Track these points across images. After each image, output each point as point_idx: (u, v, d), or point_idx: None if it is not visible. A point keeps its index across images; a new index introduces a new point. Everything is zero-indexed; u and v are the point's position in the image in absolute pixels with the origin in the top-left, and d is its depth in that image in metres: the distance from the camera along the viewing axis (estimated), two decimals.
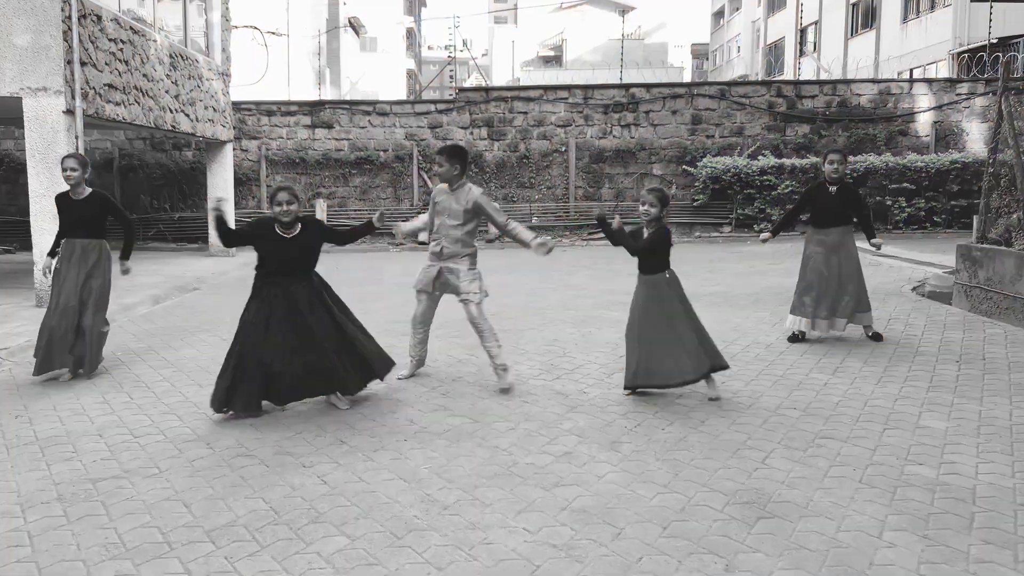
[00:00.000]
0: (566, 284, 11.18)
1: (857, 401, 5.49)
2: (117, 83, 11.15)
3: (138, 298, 10.78)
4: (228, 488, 4.16)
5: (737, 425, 5.01)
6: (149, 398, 5.92)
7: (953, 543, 3.41)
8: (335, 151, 18.52)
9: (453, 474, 4.28)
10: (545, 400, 5.65)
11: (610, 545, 3.45)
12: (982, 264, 9.09)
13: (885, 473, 4.19)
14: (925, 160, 16.43)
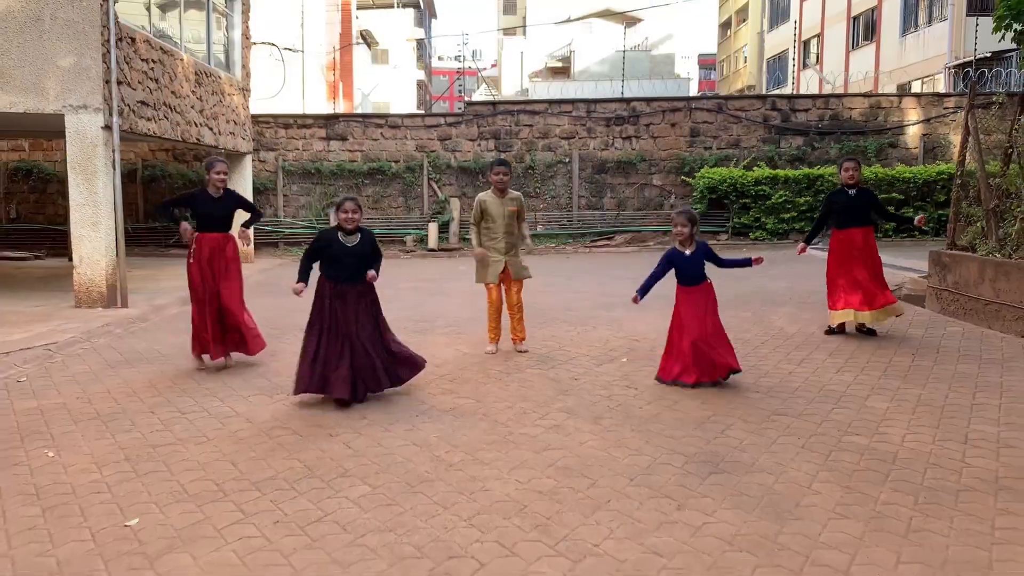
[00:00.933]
0: (568, 288, 11.94)
1: (815, 386, 6.24)
2: (149, 100, 12.00)
3: (167, 299, 11.60)
4: (267, 452, 4.94)
5: (705, 405, 5.77)
6: (190, 384, 6.70)
7: (868, 491, 4.16)
8: (349, 162, 19.36)
9: (458, 441, 5.05)
10: (540, 385, 6.42)
11: (585, 491, 4.21)
12: (950, 269, 9.81)
13: (825, 441, 4.94)
14: (913, 171, 17.15)
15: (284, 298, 11.92)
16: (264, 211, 19.45)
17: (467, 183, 19.35)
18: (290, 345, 8.15)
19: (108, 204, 10.80)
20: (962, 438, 4.96)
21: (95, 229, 10.72)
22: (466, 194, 19.29)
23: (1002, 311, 8.69)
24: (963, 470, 4.43)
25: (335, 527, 3.84)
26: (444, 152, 19.38)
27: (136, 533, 3.81)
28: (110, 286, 10.83)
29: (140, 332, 9.21)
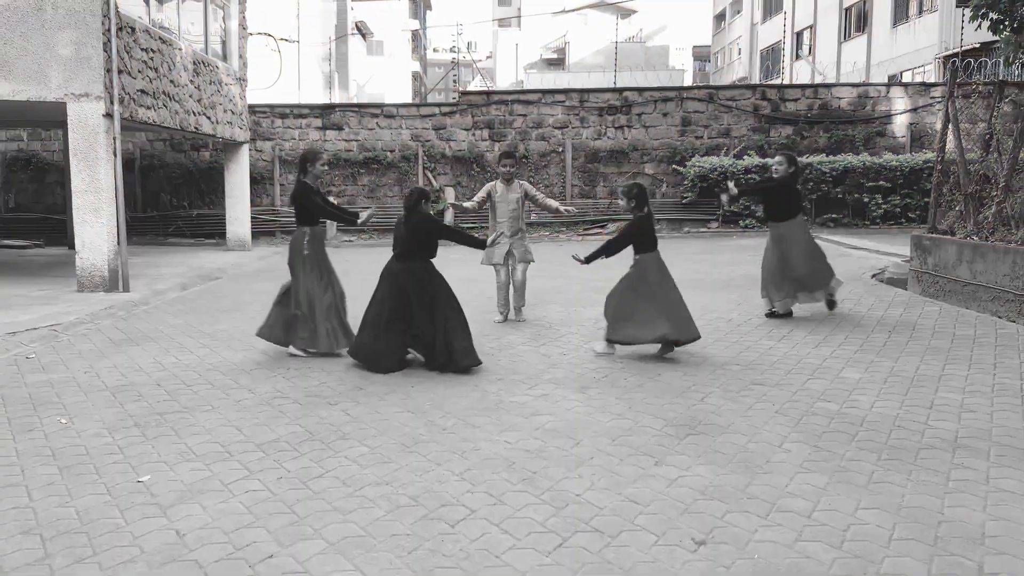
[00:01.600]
0: (560, 273, 12.20)
1: (793, 360, 6.52)
2: (148, 89, 12.22)
3: (167, 285, 11.84)
4: (270, 418, 5.20)
5: (687, 376, 6.05)
6: (194, 359, 6.96)
7: (835, 449, 4.44)
8: (344, 152, 19.58)
9: (451, 408, 5.32)
10: (530, 359, 6.69)
11: (570, 450, 4.48)
12: (931, 252, 10.10)
13: (798, 407, 5.22)
14: (900, 159, 17.43)
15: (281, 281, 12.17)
16: (261, 201, 19.69)
17: (461, 172, 19.59)
18: None
19: (109, 190, 11.03)
20: (928, 404, 5.24)
21: (97, 215, 10.95)
22: (460, 183, 19.53)
23: (979, 292, 8.99)
24: (925, 431, 4.71)
25: (335, 481, 4.11)
26: (439, 142, 19.61)
27: (148, 488, 4.07)
28: (112, 271, 11.07)
29: (142, 314, 9.46)
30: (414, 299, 6.35)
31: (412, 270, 6.45)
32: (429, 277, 6.47)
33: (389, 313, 6.36)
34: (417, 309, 6.33)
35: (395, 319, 6.35)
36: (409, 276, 6.42)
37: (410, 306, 6.34)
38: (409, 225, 6.50)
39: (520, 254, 8.35)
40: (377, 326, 6.39)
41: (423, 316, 6.32)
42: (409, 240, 6.49)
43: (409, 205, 6.54)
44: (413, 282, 6.40)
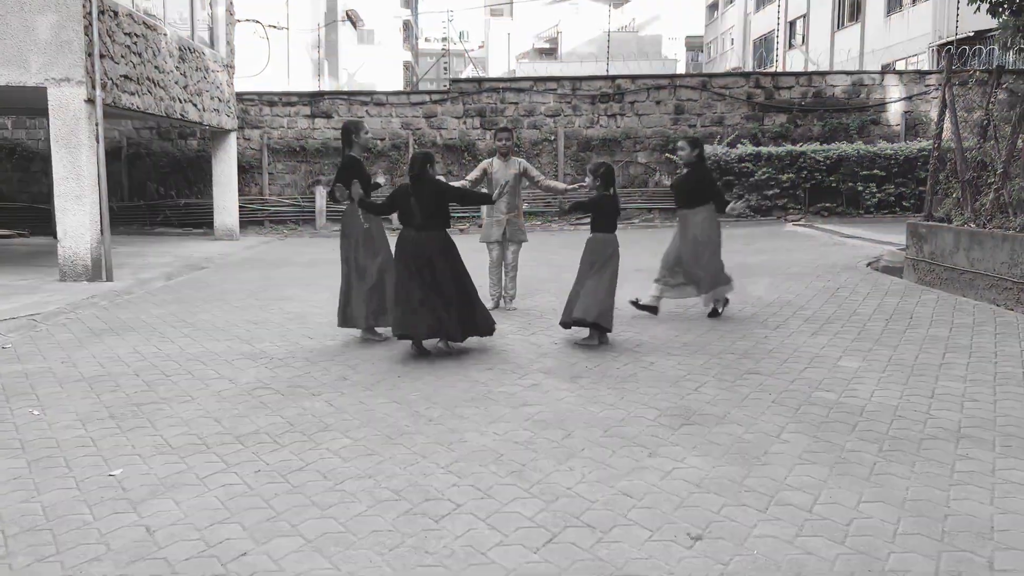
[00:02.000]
0: (551, 262, 12.03)
1: (788, 348, 6.37)
2: (132, 74, 11.97)
3: (153, 274, 11.64)
4: (250, 409, 5.03)
5: (681, 365, 5.89)
6: (175, 349, 6.77)
7: (834, 440, 4.29)
8: (334, 140, 19.33)
9: (438, 398, 5.15)
10: (520, 349, 6.53)
11: (561, 442, 4.32)
12: (927, 240, 9.97)
13: (795, 397, 5.07)
14: (895, 148, 17.29)
15: (268, 270, 12.00)
16: (249, 190, 19.46)
17: (453, 161, 19.38)
18: (273, 316, 8.23)
19: (92, 178, 10.80)
20: (929, 393, 5.10)
21: (79, 203, 10.73)
22: (451, 172, 19.30)
23: (976, 279, 8.85)
24: (927, 421, 4.56)
25: (316, 475, 3.94)
26: (429, 130, 19.40)
27: (120, 482, 3.89)
28: (95, 259, 10.85)
29: (125, 304, 9.26)
30: (441, 268, 6.15)
31: (434, 239, 6.20)
32: (449, 246, 6.30)
33: (419, 288, 6.08)
34: (443, 278, 6.14)
35: (427, 291, 6.08)
36: (432, 246, 6.17)
37: (436, 276, 6.12)
38: (419, 193, 6.20)
39: (512, 233, 8.17)
40: (411, 301, 6.10)
41: (449, 286, 6.16)
42: (423, 209, 6.18)
43: (415, 172, 6.25)
44: (437, 251, 6.17)
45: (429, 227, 6.20)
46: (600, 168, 6.55)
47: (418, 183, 6.22)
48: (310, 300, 9.17)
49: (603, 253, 6.51)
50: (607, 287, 6.48)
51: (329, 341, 6.99)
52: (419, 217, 6.17)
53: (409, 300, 6.07)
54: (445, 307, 6.09)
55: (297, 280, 10.93)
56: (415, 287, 6.07)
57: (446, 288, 6.11)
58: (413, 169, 6.28)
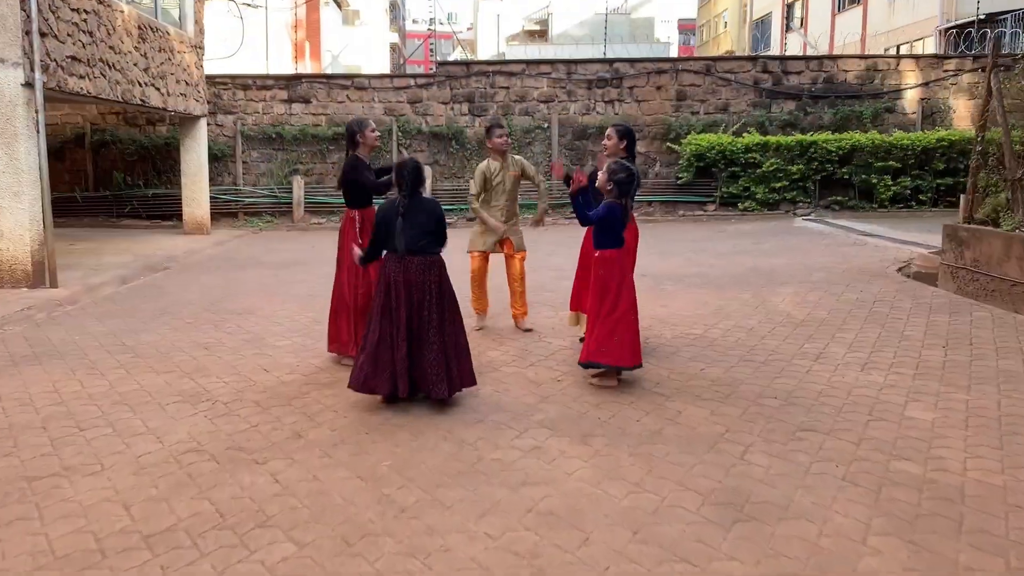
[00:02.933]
0: (546, 264, 10.91)
1: (840, 389, 5.28)
2: (81, 55, 10.74)
3: (105, 277, 10.46)
4: (173, 487, 3.90)
5: (715, 416, 4.79)
6: (102, 386, 5.63)
7: (941, 549, 3.20)
8: (312, 127, 18.12)
9: (414, 471, 4.04)
10: (517, 388, 5.41)
11: (576, 552, 3.22)
12: (969, 245, 8.89)
13: (870, 470, 3.98)
14: (911, 138, 16.22)
15: (234, 273, 10.83)
16: (222, 179, 18.23)
17: (439, 149, 18.19)
18: (227, 336, 7.08)
19: (32, 171, 9.59)
20: None
21: (17, 200, 9.52)
22: (438, 161, 18.13)
23: None
24: None
25: None
26: (414, 116, 18.18)
27: None
28: (36, 263, 9.66)
29: (63, 318, 8.09)
30: (429, 307, 4.94)
31: (425, 267, 4.97)
32: (443, 277, 5.07)
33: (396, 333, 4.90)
34: (430, 321, 4.93)
35: (407, 339, 4.91)
36: (422, 277, 4.94)
37: (422, 318, 4.93)
38: (410, 214, 4.96)
39: (517, 242, 7.14)
40: (384, 345, 4.90)
41: (437, 331, 4.95)
42: (412, 234, 4.96)
43: (407, 189, 4.99)
44: (427, 284, 4.95)
45: (423, 251, 4.99)
46: (620, 172, 5.36)
47: (411, 199, 4.99)
48: (273, 315, 8.03)
49: (615, 276, 5.37)
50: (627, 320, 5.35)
51: (287, 375, 5.87)
52: (406, 242, 4.96)
53: (379, 348, 4.89)
54: (429, 360, 4.90)
55: (263, 287, 9.77)
56: (392, 332, 4.90)
57: (432, 334, 4.91)
58: (404, 184, 4.99)
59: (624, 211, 5.35)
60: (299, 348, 6.65)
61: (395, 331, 4.89)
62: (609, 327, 5.23)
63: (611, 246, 5.38)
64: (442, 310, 4.97)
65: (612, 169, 5.36)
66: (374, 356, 4.89)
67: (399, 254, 4.96)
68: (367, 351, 4.93)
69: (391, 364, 4.88)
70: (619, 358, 5.22)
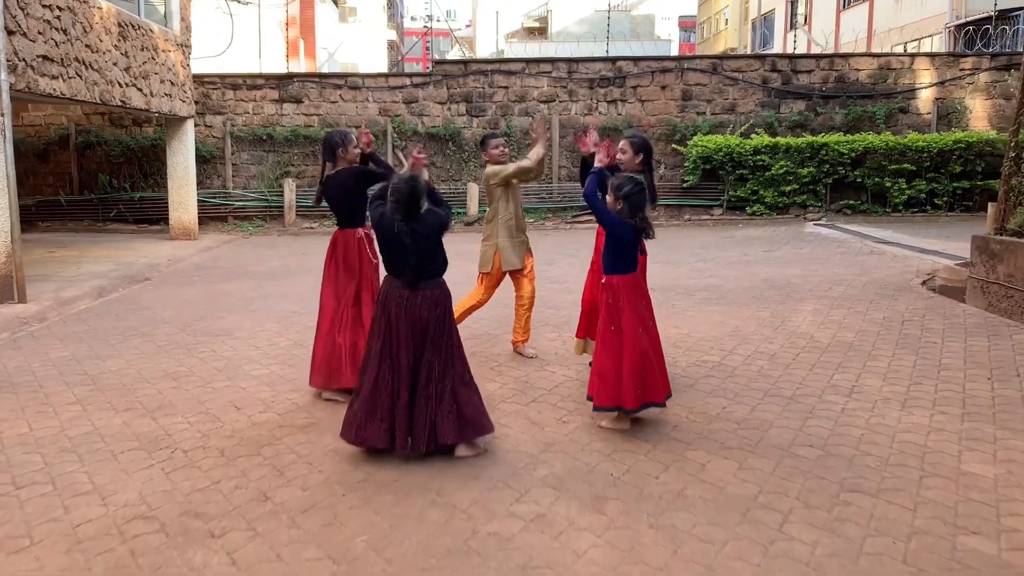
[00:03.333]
0: (546, 276, 10.30)
1: (883, 435, 4.66)
2: (54, 54, 10.11)
3: (81, 290, 9.85)
4: (111, 570, 3.29)
5: (745, 471, 4.17)
6: (51, 428, 5.01)
7: None
8: (304, 127, 17.48)
9: (396, 550, 3.42)
10: (517, 434, 4.78)
11: None
12: (1001, 258, 8.27)
13: (933, 546, 3.37)
14: (927, 139, 15.59)
15: (217, 285, 10.21)
16: (211, 182, 17.60)
17: (436, 151, 17.56)
18: (199, 364, 6.46)
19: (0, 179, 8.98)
20: None
21: None
22: (434, 164, 17.50)
23: None
24: None
25: None
26: (410, 116, 17.55)
27: None
28: (3, 277, 9.04)
29: (25, 340, 7.47)
30: (435, 347, 4.31)
31: (433, 301, 4.34)
32: (449, 310, 4.43)
33: (404, 373, 4.28)
34: (434, 358, 4.30)
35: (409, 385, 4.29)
36: (430, 312, 4.30)
37: (429, 362, 4.29)
38: (416, 231, 4.26)
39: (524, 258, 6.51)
40: (382, 392, 4.27)
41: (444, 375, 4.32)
42: (420, 256, 4.29)
43: (409, 206, 4.24)
44: (434, 321, 4.31)
45: (426, 279, 4.35)
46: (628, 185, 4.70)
47: (412, 220, 4.27)
48: (252, 336, 7.41)
49: (628, 305, 4.74)
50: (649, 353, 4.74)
51: (260, 413, 5.25)
52: (413, 266, 4.28)
53: (376, 395, 4.26)
54: (435, 405, 4.27)
55: (245, 302, 9.15)
56: (392, 378, 4.28)
57: (438, 375, 4.29)
58: (405, 199, 4.22)
59: (637, 231, 4.72)
60: (275, 379, 6.03)
61: (395, 376, 4.27)
62: (615, 363, 4.61)
63: (623, 271, 4.76)
64: (450, 347, 4.36)
65: (617, 184, 4.72)
66: (371, 404, 4.28)
67: (403, 285, 4.30)
68: (363, 397, 4.31)
69: (390, 414, 4.25)
70: (626, 397, 4.59)
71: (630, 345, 4.61)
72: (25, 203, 17.28)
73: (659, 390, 4.70)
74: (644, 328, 4.71)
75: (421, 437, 4.23)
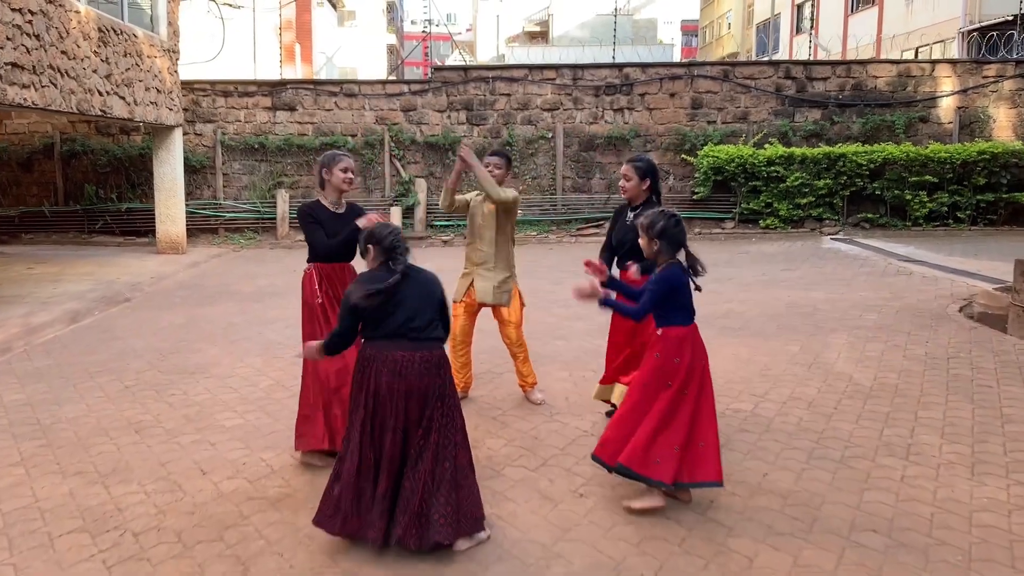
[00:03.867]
0: (552, 299, 9.57)
1: (957, 514, 3.96)
2: (24, 61, 9.43)
3: (52, 315, 9.15)
4: None
5: (801, 569, 3.47)
6: None
7: None
8: (298, 136, 16.77)
9: None
10: (526, 513, 4.07)
11: None
12: None
13: None
14: (949, 150, 14.87)
15: (200, 308, 9.50)
16: (202, 192, 16.90)
17: (435, 161, 16.85)
18: (167, 411, 5.73)
19: None
20: None
21: None
22: (434, 174, 16.80)
23: None
24: None
25: None
26: (408, 125, 16.84)
27: None
28: None
29: None
30: (429, 422, 3.56)
31: (430, 366, 3.59)
32: (448, 379, 3.70)
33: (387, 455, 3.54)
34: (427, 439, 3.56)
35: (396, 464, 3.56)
36: (427, 380, 3.57)
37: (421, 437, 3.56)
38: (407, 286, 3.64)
39: (482, 291, 5.73)
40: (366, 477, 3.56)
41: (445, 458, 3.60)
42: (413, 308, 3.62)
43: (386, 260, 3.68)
44: (432, 390, 3.58)
45: (422, 341, 3.62)
46: (659, 222, 4.01)
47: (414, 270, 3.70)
48: (230, 375, 6.71)
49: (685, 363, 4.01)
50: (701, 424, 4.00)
51: (228, 479, 4.54)
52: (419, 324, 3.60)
53: (361, 479, 3.54)
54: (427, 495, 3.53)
55: (228, 329, 8.45)
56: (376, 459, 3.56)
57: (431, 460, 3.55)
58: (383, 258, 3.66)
59: (687, 270, 4.02)
60: (250, 431, 5.33)
61: (378, 457, 3.56)
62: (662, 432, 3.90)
63: (680, 321, 4.02)
64: (450, 426, 3.63)
65: (648, 223, 4.02)
66: (356, 489, 3.55)
67: (392, 346, 3.56)
68: (344, 481, 3.57)
69: (382, 501, 3.53)
70: (667, 471, 3.88)
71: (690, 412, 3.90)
72: (8, 214, 16.66)
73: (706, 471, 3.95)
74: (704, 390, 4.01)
75: (411, 533, 3.50)
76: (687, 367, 3.92)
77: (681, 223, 4.03)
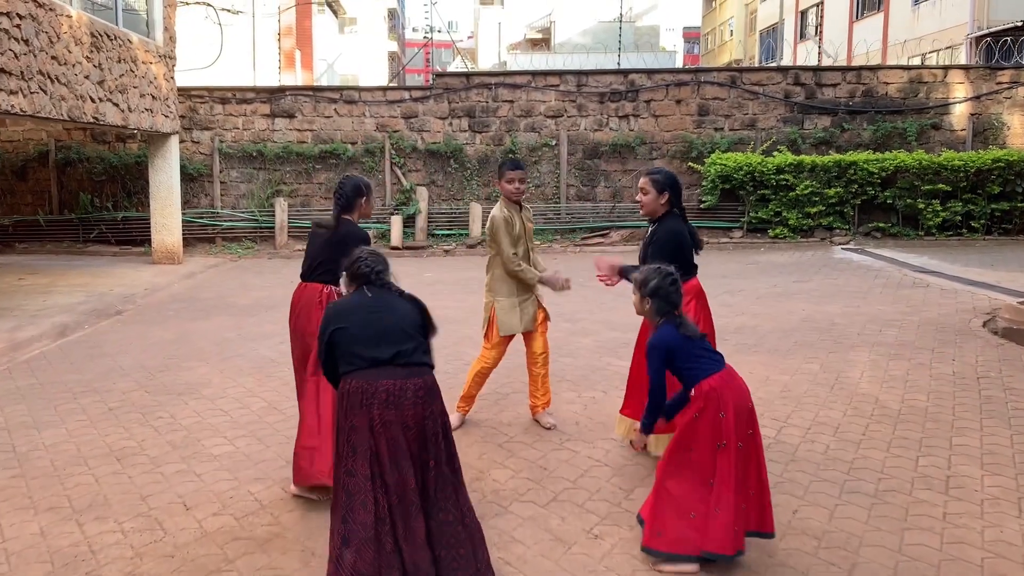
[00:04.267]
0: (558, 313, 9.17)
1: (1009, 560, 3.61)
2: (12, 67, 9.11)
3: (40, 329, 8.82)
4: None
5: None
6: None
7: None
8: (297, 144, 16.45)
9: None
10: (537, 558, 3.71)
11: None
12: None
13: None
14: (963, 158, 14.53)
15: (193, 323, 9.15)
16: (199, 201, 16.58)
17: (436, 169, 16.53)
18: (153, 436, 5.37)
19: None
20: None
21: None
22: (435, 182, 16.48)
23: None
24: None
25: None
26: (409, 132, 16.53)
27: None
28: None
29: None
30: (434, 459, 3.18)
31: (425, 393, 3.18)
32: (444, 410, 3.29)
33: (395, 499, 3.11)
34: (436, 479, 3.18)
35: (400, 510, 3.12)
36: (424, 409, 3.16)
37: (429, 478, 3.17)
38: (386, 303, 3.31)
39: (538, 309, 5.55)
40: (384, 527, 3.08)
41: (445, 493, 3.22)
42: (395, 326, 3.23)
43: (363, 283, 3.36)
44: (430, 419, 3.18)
45: (413, 366, 3.22)
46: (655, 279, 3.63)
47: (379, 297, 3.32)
48: (220, 395, 6.36)
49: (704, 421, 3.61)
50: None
51: (213, 516, 4.19)
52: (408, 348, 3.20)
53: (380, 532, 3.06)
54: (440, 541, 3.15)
55: (221, 345, 8.11)
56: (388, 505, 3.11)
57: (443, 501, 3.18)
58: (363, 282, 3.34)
59: (685, 323, 3.63)
60: (239, 461, 4.98)
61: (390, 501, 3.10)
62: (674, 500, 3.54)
63: (708, 369, 3.59)
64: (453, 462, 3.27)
65: (641, 280, 3.66)
66: (376, 544, 3.05)
67: (379, 374, 3.13)
68: (360, 539, 3.04)
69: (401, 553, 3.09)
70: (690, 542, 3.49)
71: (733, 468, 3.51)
72: (2, 223, 16.35)
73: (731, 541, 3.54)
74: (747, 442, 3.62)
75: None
76: (733, 416, 3.52)
77: (678, 282, 3.65)
